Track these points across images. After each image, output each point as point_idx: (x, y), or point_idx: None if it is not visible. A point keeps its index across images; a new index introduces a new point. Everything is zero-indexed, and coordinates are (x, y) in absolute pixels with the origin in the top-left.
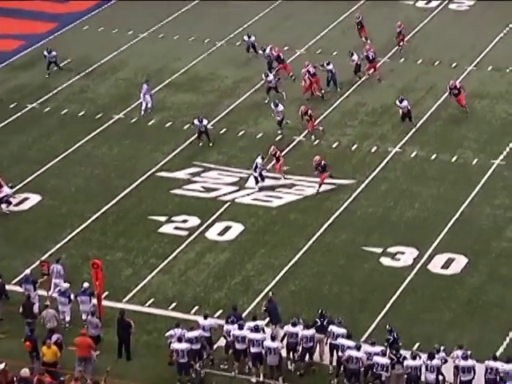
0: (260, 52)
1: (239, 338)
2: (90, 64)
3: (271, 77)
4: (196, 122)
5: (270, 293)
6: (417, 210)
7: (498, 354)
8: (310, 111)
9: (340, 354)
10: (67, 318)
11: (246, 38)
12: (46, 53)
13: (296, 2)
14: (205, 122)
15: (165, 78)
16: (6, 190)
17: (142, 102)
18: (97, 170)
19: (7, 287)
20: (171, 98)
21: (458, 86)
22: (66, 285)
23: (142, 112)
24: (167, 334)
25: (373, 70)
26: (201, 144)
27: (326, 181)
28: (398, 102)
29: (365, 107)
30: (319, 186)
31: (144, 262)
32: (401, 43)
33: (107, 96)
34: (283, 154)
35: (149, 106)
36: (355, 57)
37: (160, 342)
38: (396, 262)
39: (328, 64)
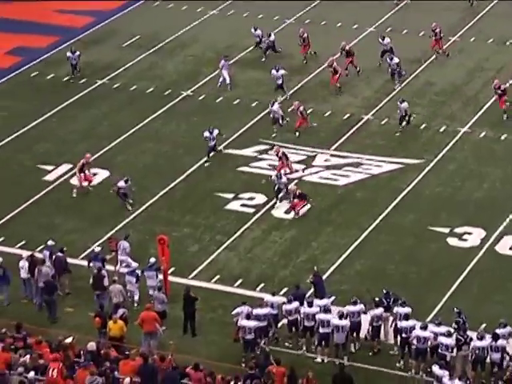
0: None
1: (309, 316)
2: (159, 40)
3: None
4: (206, 133)
5: (315, 267)
6: (485, 190)
7: None
8: (301, 107)
9: (404, 335)
10: (136, 298)
11: (260, 36)
12: (69, 53)
13: None
14: (215, 132)
15: (234, 55)
16: (121, 184)
17: (220, 77)
18: (165, 147)
19: (75, 262)
20: (240, 75)
21: (502, 88)
22: (135, 264)
23: (219, 84)
24: (234, 311)
25: (437, 46)
26: (206, 164)
27: (394, 160)
28: (398, 102)
29: (433, 86)
30: (296, 211)
31: (210, 238)
32: (435, 48)
33: (176, 73)
34: (352, 131)
35: (227, 81)
36: (387, 40)
37: (225, 318)
38: (463, 243)
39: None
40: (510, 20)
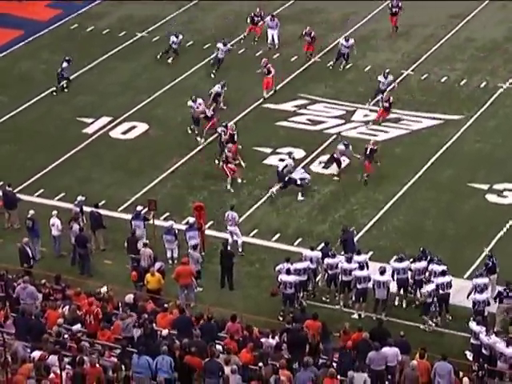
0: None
1: (347, 271)
2: None
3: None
4: (190, 103)
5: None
6: None
7: None
8: (313, 32)
9: (442, 291)
10: (175, 255)
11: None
12: (173, 38)
13: None
14: (199, 101)
15: (272, 9)
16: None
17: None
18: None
19: (114, 214)
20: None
21: None
22: (171, 222)
23: (269, 46)
24: (277, 268)
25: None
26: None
27: (434, 116)
28: (381, 77)
29: (474, 42)
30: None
31: (249, 193)
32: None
33: (215, 27)
34: (392, 87)
35: (275, 41)
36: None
37: (263, 272)
38: (503, 199)
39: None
40: None
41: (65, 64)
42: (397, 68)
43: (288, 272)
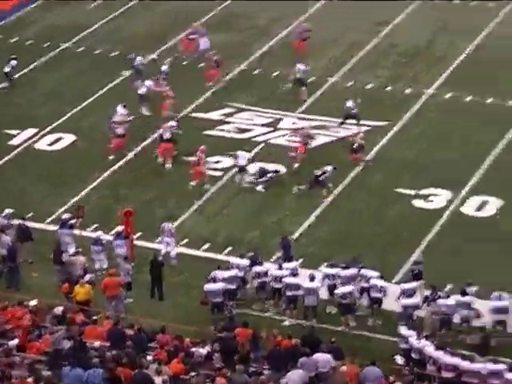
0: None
1: (277, 278)
2: (123, 3)
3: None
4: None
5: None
6: (451, 152)
7: None
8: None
9: (375, 294)
10: (104, 266)
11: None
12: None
13: None
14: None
15: (197, 18)
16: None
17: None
18: (130, 111)
19: (41, 226)
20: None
21: None
22: (99, 233)
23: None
24: (210, 276)
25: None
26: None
27: (360, 122)
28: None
29: (397, 48)
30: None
31: (177, 202)
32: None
33: (140, 36)
34: (318, 94)
35: (205, 48)
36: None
37: (192, 281)
38: (429, 204)
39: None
40: None
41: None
42: (323, 75)
43: (214, 280)
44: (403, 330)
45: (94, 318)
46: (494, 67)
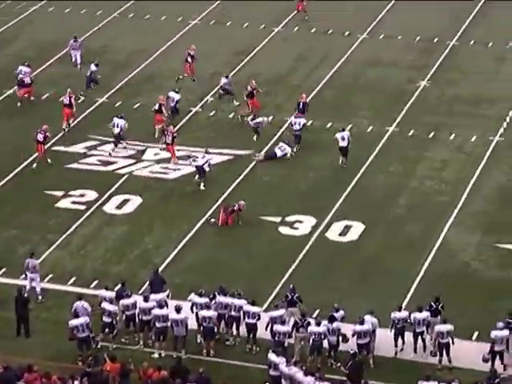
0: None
1: (146, 311)
2: None
3: None
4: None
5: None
6: (313, 178)
7: None
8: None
9: (247, 320)
10: None
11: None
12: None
13: None
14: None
15: (56, 51)
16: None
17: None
18: None
19: None
20: (63, 72)
21: None
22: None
23: (77, 65)
24: (72, 309)
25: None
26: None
27: (225, 151)
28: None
29: (259, 77)
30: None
31: (42, 237)
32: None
33: None
34: (181, 124)
35: (78, 61)
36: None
37: (59, 317)
38: (294, 231)
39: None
40: (331, 10)
41: (94, 67)
42: (185, 106)
43: (76, 316)
44: (273, 357)
45: None
46: (349, 93)
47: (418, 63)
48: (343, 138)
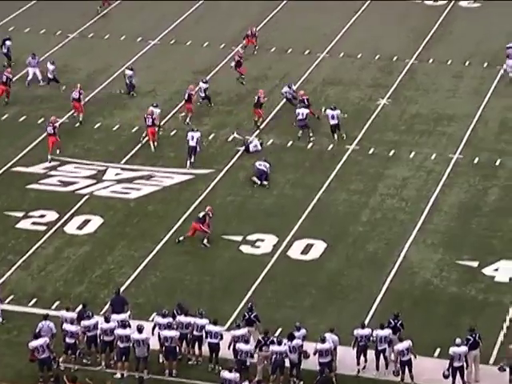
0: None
1: (107, 331)
2: None
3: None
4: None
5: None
6: (275, 197)
7: None
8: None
9: (210, 339)
10: None
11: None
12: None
13: None
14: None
15: (17, 71)
16: None
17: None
18: None
19: None
20: (24, 92)
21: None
22: None
23: (27, 82)
24: (37, 329)
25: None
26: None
27: (185, 171)
28: (329, 110)
29: (220, 96)
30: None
31: (1, 258)
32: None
33: None
34: (141, 144)
35: (39, 77)
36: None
37: (20, 339)
38: (256, 250)
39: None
40: (290, 29)
41: (130, 72)
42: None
43: (36, 337)
44: (227, 374)
45: None
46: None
47: (377, 82)
48: (333, 117)
